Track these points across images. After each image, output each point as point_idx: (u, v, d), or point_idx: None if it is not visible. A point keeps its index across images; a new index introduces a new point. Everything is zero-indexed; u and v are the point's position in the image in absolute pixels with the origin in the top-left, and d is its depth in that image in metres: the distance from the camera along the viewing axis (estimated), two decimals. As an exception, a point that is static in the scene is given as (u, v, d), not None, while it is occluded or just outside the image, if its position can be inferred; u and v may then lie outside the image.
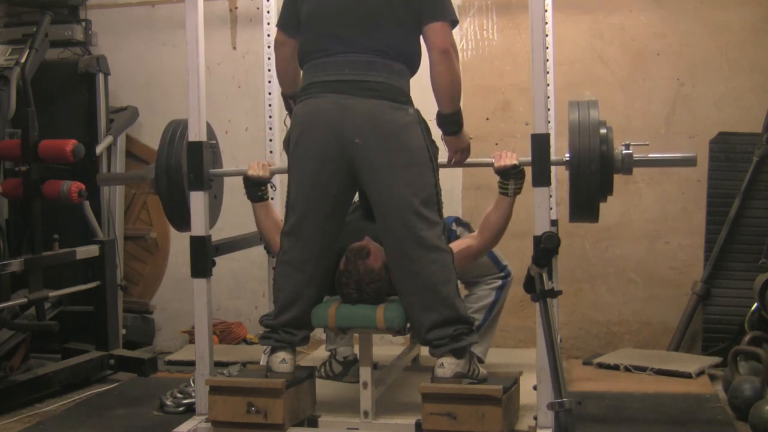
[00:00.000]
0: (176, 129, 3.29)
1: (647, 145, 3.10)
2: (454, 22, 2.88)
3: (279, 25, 3.09)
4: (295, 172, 2.94)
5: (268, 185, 3.26)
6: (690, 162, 3.14)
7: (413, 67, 2.93)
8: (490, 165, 3.09)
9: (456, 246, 3.06)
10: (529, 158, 2.88)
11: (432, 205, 2.87)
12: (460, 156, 3.06)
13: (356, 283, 2.93)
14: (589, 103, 3.07)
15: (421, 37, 2.89)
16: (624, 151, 3.01)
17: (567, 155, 3.00)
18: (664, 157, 3.24)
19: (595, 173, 2.95)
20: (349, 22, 2.85)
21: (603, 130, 2.99)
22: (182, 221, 3.27)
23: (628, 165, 3.01)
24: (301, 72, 2.99)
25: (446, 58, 2.84)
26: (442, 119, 2.94)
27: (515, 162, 3.02)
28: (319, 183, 2.88)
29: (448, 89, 2.88)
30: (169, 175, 3.22)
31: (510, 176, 3.04)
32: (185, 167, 3.18)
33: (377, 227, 2.93)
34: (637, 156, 3.02)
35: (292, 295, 2.96)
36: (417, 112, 2.88)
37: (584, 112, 3.02)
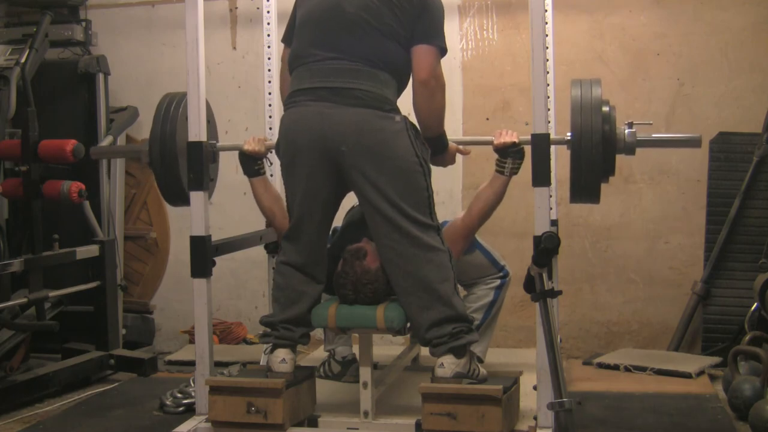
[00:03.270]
0: (171, 101, 3.26)
1: (651, 124, 3.05)
2: (442, 50, 2.91)
3: (283, 40, 3.11)
4: (287, 179, 2.98)
5: (265, 160, 3.25)
6: (695, 142, 3.07)
7: (400, 78, 2.93)
8: (489, 143, 3.08)
9: (445, 229, 3.06)
10: (528, 137, 2.86)
11: (424, 209, 2.88)
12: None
13: (353, 284, 2.93)
14: (591, 81, 3.02)
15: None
16: (627, 131, 2.95)
17: (568, 134, 2.96)
18: (668, 137, 3.20)
19: (597, 153, 2.87)
20: (338, 29, 2.86)
21: (605, 108, 2.94)
22: (175, 195, 3.24)
23: (630, 145, 2.95)
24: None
25: (425, 89, 2.88)
26: (426, 141, 2.98)
27: (515, 140, 3.02)
28: (310, 190, 2.91)
29: (425, 119, 2.94)
30: (163, 146, 3.18)
31: (508, 155, 3.04)
32: (179, 141, 3.15)
33: (371, 231, 2.94)
34: (640, 136, 2.96)
35: (291, 294, 2.98)
36: (405, 119, 2.89)
37: (586, 89, 2.97)
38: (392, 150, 2.83)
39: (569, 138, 2.95)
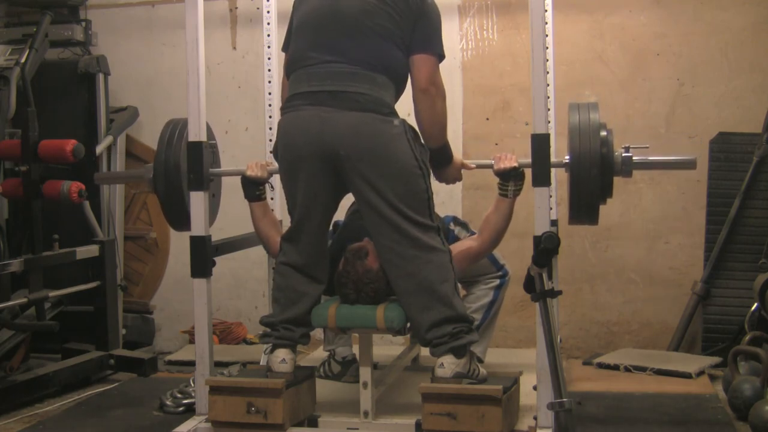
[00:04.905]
0: (174, 128, 3.28)
1: (647, 147, 3.10)
2: (440, 56, 2.91)
3: (283, 48, 3.11)
4: (286, 183, 2.98)
5: (266, 185, 3.26)
6: (689, 165, 3.15)
7: (398, 81, 2.92)
8: (490, 167, 3.09)
9: (456, 248, 3.07)
10: (528, 160, 2.89)
11: (423, 210, 2.88)
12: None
13: (354, 283, 2.93)
14: (589, 105, 3.07)
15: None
16: (624, 154, 3.01)
17: (567, 157, 3.00)
18: (664, 160, 3.26)
19: (595, 176, 2.95)
20: (336, 32, 2.86)
21: (603, 133, 2.99)
22: (180, 221, 3.27)
23: (627, 168, 3.02)
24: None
25: (426, 97, 2.88)
26: (429, 153, 2.98)
27: (515, 164, 3.03)
28: (309, 193, 2.91)
29: (428, 128, 2.94)
30: (168, 175, 3.21)
31: (510, 178, 3.04)
32: (183, 167, 3.17)
33: (370, 233, 2.94)
34: (636, 158, 3.02)
35: (292, 294, 2.98)
36: (403, 122, 2.88)
37: (584, 114, 3.02)
38: (391, 153, 2.83)
39: (568, 161, 2.99)
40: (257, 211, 3.23)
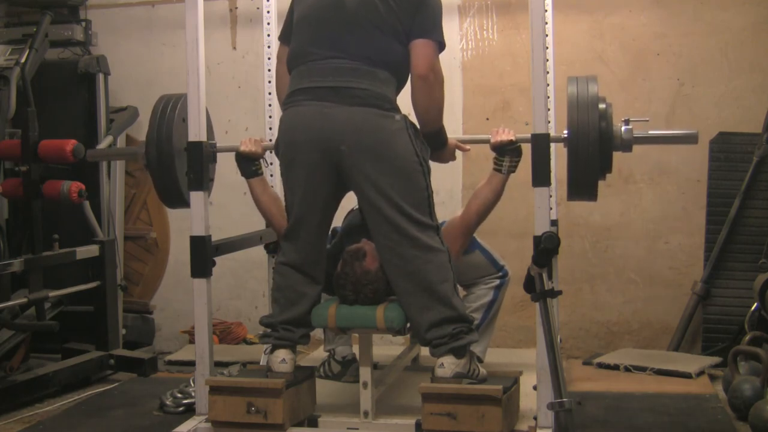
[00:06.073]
0: (167, 102, 3.25)
1: (647, 121, 3.05)
2: (440, 44, 2.90)
3: (280, 38, 3.11)
4: (287, 179, 2.97)
5: (262, 161, 3.25)
6: (691, 139, 3.06)
7: (399, 76, 2.92)
8: (486, 141, 3.08)
9: (444, 228, 3.06)
10: (526, 135, 2.87)
11: (423, 208, 2.88)
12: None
13: (353, 284, 2.93)
14: (587, 78, 3.01)
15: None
16: (624, 128, 2.95)
17: (565, 132, 2.95)
18: (665, 134, 3.21)
19: (593, 150, 2.87)
20: (337, 28, 2.86)
21: (602, 106, 2.93)
22: (172, 196, 3.23)
23: (627, 142, 2.94)
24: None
25: (424, 84, 2.87)
26: (424, 136, 2.97)
27: (512, 138, 3.02)
28: (310, 190, 2.90)
29: (423, 113, 2.93)
30: (160, 148, 3.16)
31: (506, 153, 3.03)
32: (176, 140, 3.15)
33: (370, 232, 2.94)
34: (637, 133, 2.96)
35: (291, 294, 2.98)
36: (404, 118, 2.88)
37: (582, 87, 2.95)
38: (392, 149, 2.83)
39: (566, 135, 2.95)
40: (257, 188, 3.18)
